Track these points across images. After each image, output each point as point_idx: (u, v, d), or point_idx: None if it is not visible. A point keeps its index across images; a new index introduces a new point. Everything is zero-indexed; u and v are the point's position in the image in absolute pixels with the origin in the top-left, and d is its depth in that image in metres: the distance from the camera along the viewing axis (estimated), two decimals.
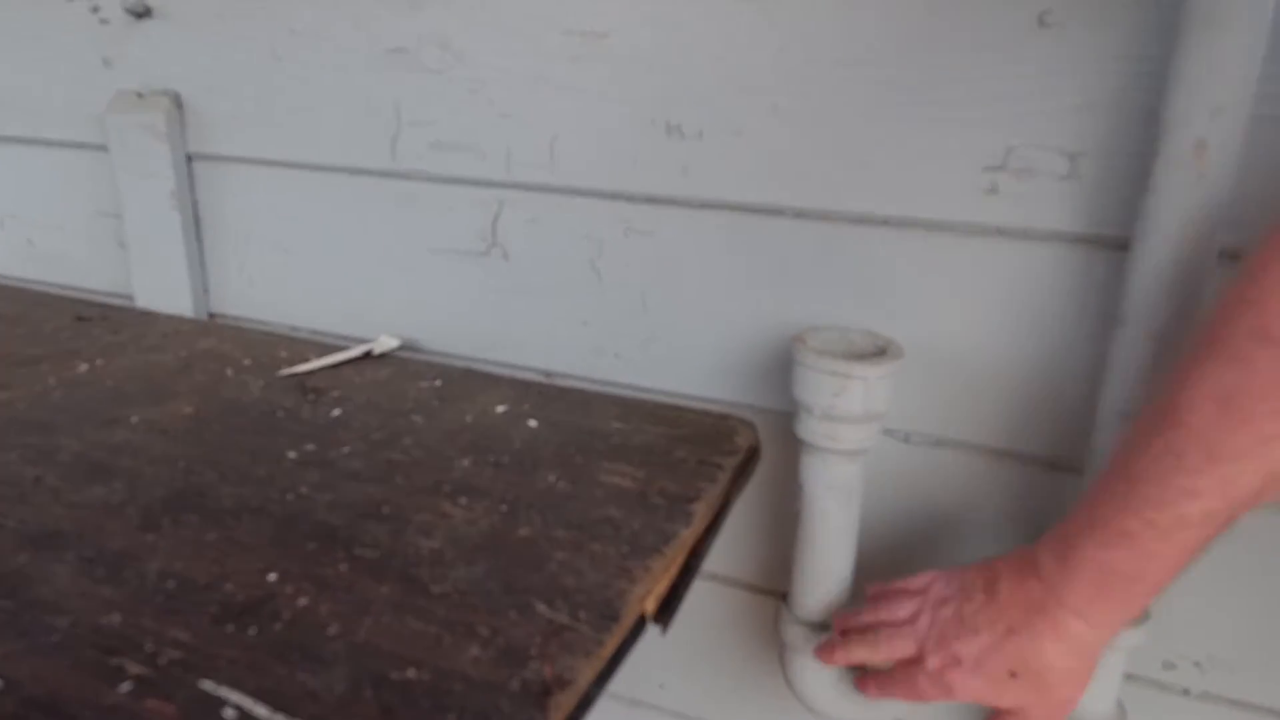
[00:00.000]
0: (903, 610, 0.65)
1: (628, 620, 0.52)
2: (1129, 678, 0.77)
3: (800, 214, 0.77)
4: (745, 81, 0.76)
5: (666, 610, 0.56)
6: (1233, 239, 0.64)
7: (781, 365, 0.82)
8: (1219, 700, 0.76)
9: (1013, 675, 0.58)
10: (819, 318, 0.79)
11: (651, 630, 1.03)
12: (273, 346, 0.96)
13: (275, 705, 0.44)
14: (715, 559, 0.91)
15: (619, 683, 1.02)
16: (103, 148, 1.07)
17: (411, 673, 0.47)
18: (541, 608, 0.53)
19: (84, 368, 0.88)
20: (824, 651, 0.70)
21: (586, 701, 0.47)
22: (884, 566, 0.84)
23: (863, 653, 0.67)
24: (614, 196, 0.84)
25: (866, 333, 0.73)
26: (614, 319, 0.87)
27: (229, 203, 1.03)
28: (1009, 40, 0.68)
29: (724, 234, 0.81)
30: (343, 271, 0.99)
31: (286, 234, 1.01)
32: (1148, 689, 0.78)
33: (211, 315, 1.08)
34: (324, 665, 0.47)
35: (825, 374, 0.65)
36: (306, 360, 0.91)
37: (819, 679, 0.75)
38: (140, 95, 1.01)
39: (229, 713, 0.44)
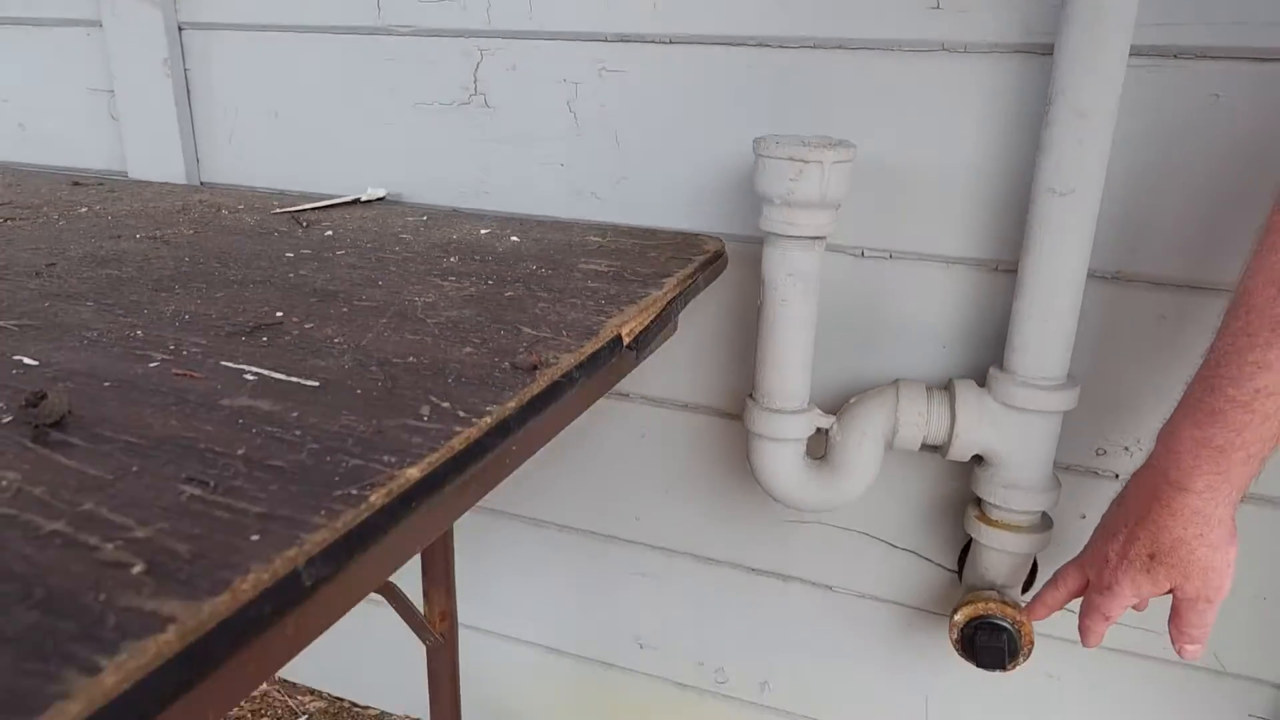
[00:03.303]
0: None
1: (605, 337, 0.58)
2: (1064, 468, 0.84)
3: (762, 43, 0.83)
4: None
5: (640, 343, 0.61)
6: (1141, 38, 0.71)
7: (747, 193, 0.88)
8: None
9: (1151, 557, 0.64)
10: None
11: (623, 464, 1.10)
12: (265, 199, 1.00)
13: (290, 374, 0.50)
14: (683, 389, 0.97)
15: (593, 523, 1.07)
16: (94, 23, 1.10)
17: (411, 359, 0.53)
18: (527, 330, 0.58)
19: (84, 210, 0.92)
20: (1031, 610, 0.78)
21: (569, 379, 0.52)
22: (844, 375, 0.90)
23: (1050, 596, 0.75)
24: (589, 38, 0.89)
25: (822, 136, 0.79)
26: (590, 159, 0.93)
27: (218, 71, 1.07)
28: None
29: (690, 68, 0.86)
30: (329, 132, 1.03)
31: (274, 98, 1.05)
32: (1082, 476, 0.85)
33: (202, 184, 1.12)
34: (332, 356, 0.53)
35: (784, 160, 0.71)
36: (298, 206, 0.96)
37: (782, 465, 0.81)
38: None
39: (249, 378, 0.49)
